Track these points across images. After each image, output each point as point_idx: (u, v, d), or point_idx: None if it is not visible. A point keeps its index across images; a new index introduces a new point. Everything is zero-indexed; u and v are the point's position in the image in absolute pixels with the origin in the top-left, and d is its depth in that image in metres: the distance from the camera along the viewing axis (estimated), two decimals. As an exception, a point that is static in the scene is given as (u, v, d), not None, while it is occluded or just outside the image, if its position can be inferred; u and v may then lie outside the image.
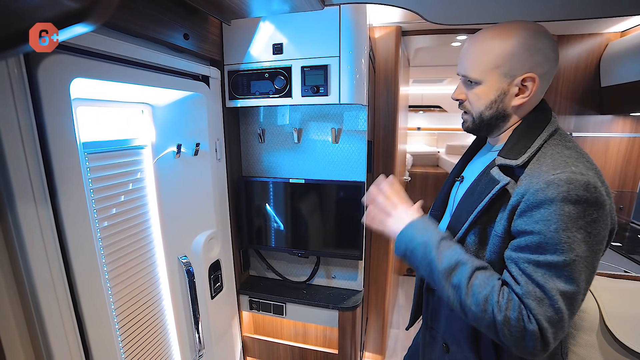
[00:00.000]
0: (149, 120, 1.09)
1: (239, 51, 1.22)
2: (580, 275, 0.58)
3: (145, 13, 0.84)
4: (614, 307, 0.93)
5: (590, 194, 0.58)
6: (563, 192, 0.58)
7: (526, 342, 0.58)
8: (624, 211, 2.06)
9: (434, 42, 2.03)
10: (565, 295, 0.57)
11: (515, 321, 0.58)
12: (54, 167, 0.64)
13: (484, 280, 0.62)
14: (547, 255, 0.58)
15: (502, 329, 0.59)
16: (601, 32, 1.87)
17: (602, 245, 0.61)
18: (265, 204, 1.39)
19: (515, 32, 0.68)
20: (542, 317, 0.57)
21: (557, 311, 0.57)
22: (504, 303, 0.60)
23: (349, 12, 1.08)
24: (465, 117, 0.80)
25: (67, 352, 0.68)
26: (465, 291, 0.62)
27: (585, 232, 0.58)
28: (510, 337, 0.59)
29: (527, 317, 0.58)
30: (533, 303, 0.58)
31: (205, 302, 1.19)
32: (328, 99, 1.14)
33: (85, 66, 0.71)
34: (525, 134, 0.71)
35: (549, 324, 0.57)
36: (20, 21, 0.32)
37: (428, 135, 5.47)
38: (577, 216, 0.58)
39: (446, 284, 0.65)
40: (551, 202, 0.59)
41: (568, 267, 0.57)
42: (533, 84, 0.69)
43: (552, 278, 0.58)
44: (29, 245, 0.60)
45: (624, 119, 1.97)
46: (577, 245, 0.57)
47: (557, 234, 0.58)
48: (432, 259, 0.67)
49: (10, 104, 0.56)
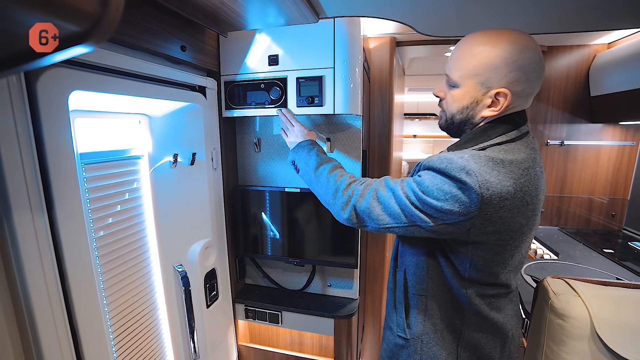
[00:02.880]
0: (145, 131, 1.10)
1: (235, 62, 1.24)
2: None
3: (143, 26, 0.86)
4: (605, 314, 0.94)
5: (459, 175, 0.67)
6: (442, 166, 0.70)
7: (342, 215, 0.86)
8: (615, 218, 2.09)
9: (428, 52, 2.07)
10: (378, 199, 0.80)
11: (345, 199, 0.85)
12: (51, 178, 0.65)
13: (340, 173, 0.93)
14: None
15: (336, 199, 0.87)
16: (589, 44, 1.92)
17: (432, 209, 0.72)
18: (261, 212, 1.40)
19: (503, 44, 0.69)
20: (358, 199, 0.83)
21: (365, 202, 0.81)
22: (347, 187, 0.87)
23: (343, 24, 1.11)
24: (441, 114, 0.86)
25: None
26: (327, 176, 0.92)
27: (436, 199, 0.70)
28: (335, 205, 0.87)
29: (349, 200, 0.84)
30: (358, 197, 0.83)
31: (200, 311, 1.19)
32: (323, 110, 1.16)
33: (83, 79, 0.72)
34: (477, 137, 0.76)
35: (355, 206, 0.83)
36: (21, 42, 0.34)
37: (424, 142, 5.51)
38: (441, 182, 0.70)
39: (314, 176, 0.95)
40: (431, 168, 0.73)
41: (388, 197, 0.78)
42: (505, 100, 0.71)
43: (382, 189, 0.80)
44: (24, 254, 0.61)
45: (613, 128, 2.01)
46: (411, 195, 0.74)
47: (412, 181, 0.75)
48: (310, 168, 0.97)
49: (9, 116, 0.58)
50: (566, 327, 0.95)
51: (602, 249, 1.74)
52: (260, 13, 1.02)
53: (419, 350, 0.85)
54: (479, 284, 0.79)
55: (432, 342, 0.84)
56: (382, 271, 1.86)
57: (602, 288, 1.01)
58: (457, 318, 0.83)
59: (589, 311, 0.94)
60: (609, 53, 1.83)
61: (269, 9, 0.98)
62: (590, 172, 2.08)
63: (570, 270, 1.53)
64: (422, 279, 0.84)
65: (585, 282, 1.03)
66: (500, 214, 0.69)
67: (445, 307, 0.83)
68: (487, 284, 0.79)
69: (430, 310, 0.84)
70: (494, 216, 0.69)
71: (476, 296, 0.79)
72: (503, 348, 0.84)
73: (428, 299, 0.84)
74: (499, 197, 0.67)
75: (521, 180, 0.69)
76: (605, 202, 2.08)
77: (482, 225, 0.70)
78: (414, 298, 0.87)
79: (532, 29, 1.13)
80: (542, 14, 1.03)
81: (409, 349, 0.87)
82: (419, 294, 0.85)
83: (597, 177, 2.08)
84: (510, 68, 0.68)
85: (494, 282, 0.79)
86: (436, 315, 0.84)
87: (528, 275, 1.50)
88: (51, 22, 0.33)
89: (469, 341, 0.82)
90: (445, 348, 0.83)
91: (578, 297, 0.96)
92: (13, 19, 0.32)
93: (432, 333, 0.84)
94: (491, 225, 0.70)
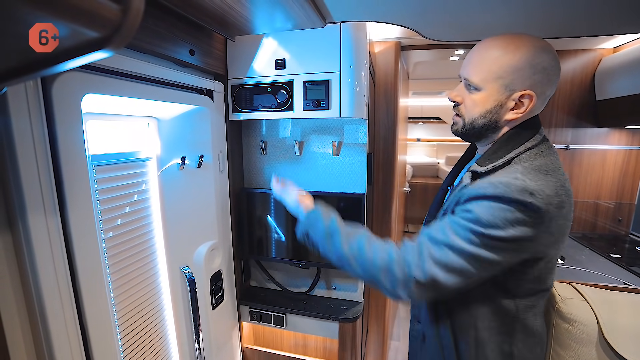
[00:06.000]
0: (154, 133, 1.12)
1: (243, 66, 1.25)
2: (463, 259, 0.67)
3: (154, 30, 0.87)
4: (614, 319, 0.93)
5: (523, 197, 0.62)
6: (498, 192, 0.64)
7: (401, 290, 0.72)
8: (622, 223, 2.07)
9: (433, 57, 2.08)
10: (437, 262, 0.68)
11: (403, 268, 0.71)
12: (64, 179, 0.66)
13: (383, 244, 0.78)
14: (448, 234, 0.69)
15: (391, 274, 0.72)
16: (595, 48, 1.92)
17: (515, 244, 0.66)
18: (266, 215, 1.40)
19: (524, 47, 0.69)
20: (414, 271, 0.69)
21: (424, 273, 0.68)
22: (399, 255, 0.73)
23: (349, 29, 1.12)
24: (456, 119, 0.81)
25: None
26: (367, 247, 0.77)
27: (503, 229, 0.64)
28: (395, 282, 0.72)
29: (407, 269, 0.70)
30: (412, 259, 0.70)
31: (206, 313, 1.19)
32: (329, 113, 1.17)
33: (96, 82, 0.74)
34: (504, 146, 0.74)
35: (415, 280, 0.69)
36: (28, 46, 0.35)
37: (428, 146, 5.51)
38: (502, 210, 0.63)
39: (346, 245, 0.81)
40: (484, 197, 0.66)
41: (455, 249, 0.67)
42: (530, 102, 0.71)
43: (433, 248, 0.69)
44: (37, 254, 0.62)
45: (619, 132, 2.00)
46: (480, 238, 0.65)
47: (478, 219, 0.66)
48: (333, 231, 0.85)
49: (26, 118, 0.59)
50: (573, 331, 0.94)
51: (608, 253, 1.73)
52: (268, 18, 1.04)
53: None
54: (529, 295, 0.75)
55: None
56: (386, 274, 1.86)
57: (609, 293, 1.01)
58: (507, 343, 0.76)
59: (596, 316, 0.93)
60: (614, 57, 1.82)
61: (276, 14, 0.99)
62: (596, 177, 2.07)
63: (576, 275, 1.51)
64: (469, 324, 0.77)
65: (592, 286, 1.02)
66: (559, 223, 0.67)
67: (495, 334, 0.77)
68: (537, 292, 0.76)
69: (481, 345, 0.77)
70: (553, 227, 0.66)
71: (526, 309, 0.75)
72: (542, 354, 0.82)
73: (478, 331, 0.77)
74: (557, 207, 0.65)
75: (565, 184, 0.68)
76: (612, 207, 2.07)
77: (546, 240, 0.67)
78: (462, 344, 0.79)
79: (538, 34, 1.13)
80: (548, 18, 1.04)
81: None
82: (468, 336, 0.78)
83: (603, 181, 2.07)
84: (534, 70, 0.68)
85: (543, 289, 0.76)
86: (488, 345, 0.77)
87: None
88: (72, 28, 0.34)
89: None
90: None
91: (585, 302, 0.96)
92: (29, 24, 0.33)
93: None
94: (552, 237, 0.68)
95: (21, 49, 0.34)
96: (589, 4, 0.91)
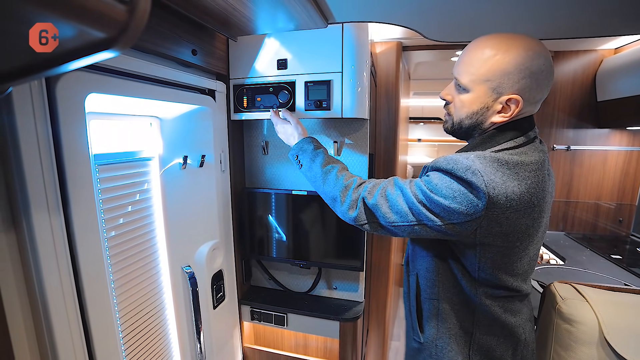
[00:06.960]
0: (156, 133, 1.12)
1: (245, 66, 1.26)
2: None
3: (156, 30, 0.88)
4: (615, 320, 0.93)
5: (466, 175, 0.68)
6: (448, 167, 0.71)
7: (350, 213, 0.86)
8: (623, 224, 2.07)
9: (434, 57, 2.08)
10: (386, 197, 0.80)
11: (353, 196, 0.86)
12: (67, 178, 0.67)
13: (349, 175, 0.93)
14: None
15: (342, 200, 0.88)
16: (596, 49, 1.92)
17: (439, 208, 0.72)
18: (267, 215, 1.41)
19: (515, 50, 0.68)
20: (366, 194, 0.83)
21: (373, 198, 0.81)
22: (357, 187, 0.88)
23: (351, 29, 1.12)
24: (447, 117, 0.85)
25: (73, 359, 0.69)
26: (336, 174, 0.91)
27: (445, 198, 0.70)
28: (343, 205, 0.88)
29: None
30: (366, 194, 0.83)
31: (207, 312, 1.20)
32: (331, 113, 1.17)
33: (99, 82, 0.74)
34: (481, 144, 0.77)
35: (364, 200, 0.83)
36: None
37: (429, 146, 5.50)
38: (449, 182, 0.71)
39: (322, 172, 0.94)
40: (439, 169, 0.74)
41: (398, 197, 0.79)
42: (516, 106, 0.71)
43: (391, 187, 0.81)
44: (41, 252, 0.62)
45: (620, 133, 2.00)
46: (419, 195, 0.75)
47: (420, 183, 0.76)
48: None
49: (30, 118, 0.59)
50: (574, 332, 0.95)
51: (609, 254, 1.73)
52: (271, 18, 1.04)
53: (434, 355, 0.85)
54: (490, 286, 0.79)
55: (447, 347, 0.83)
56: (387, 274, 1.86)
57: (610, 294, 1.01)
58: (468, 321, 0.82)
59: (597, 317, 0.93)
60: (616, 58, 1.83)
61: (279, 14, 1.00)
62: (597, 177, 2.07)
63: (577, 276, 1.52)
64: (433, 283, 0.84)
65: (593, 287, 1.02)
66: (507, 215, 0.69)
67: (457, 310, 0.83)
68: (497, 286, 0.79)
69: (442, 314, 0.84)
70: (500, 217, 0.69)
71: (487, 298, 0.79)
72: (515, 352, 0.83)
73: (440, 302, 0.84)
74: (505, 197, 0.67)
75: (527, 182, 0.69)
76: (613, 208, 2.07)
77: (488, 226, 0.70)
78: (426, 302, 0.86)
79: (540, 35, 1.13)
80: (551, 19, 1.04)
81: (424, 353, 0.87)
82: (431, 298, 0.85)
83: (604, 182, 2.07)
84: (522, 74, 0.68)
85: (503, 285, 0.79)
86: (449, 319, 0.83)
87: (534, 280, 1.49)
88: (78, 29, 0.35)
89: (480, 344, 0.81)
90: (461, 352, 0.82)
91: (586, 302, 0.96)
92: (30, 23, 0.33)
93: (446, 337, 0.83)
94: (498, 226, 0.70)
95: (21, 48, 0.34)
96: (592, 5, 0.91)
